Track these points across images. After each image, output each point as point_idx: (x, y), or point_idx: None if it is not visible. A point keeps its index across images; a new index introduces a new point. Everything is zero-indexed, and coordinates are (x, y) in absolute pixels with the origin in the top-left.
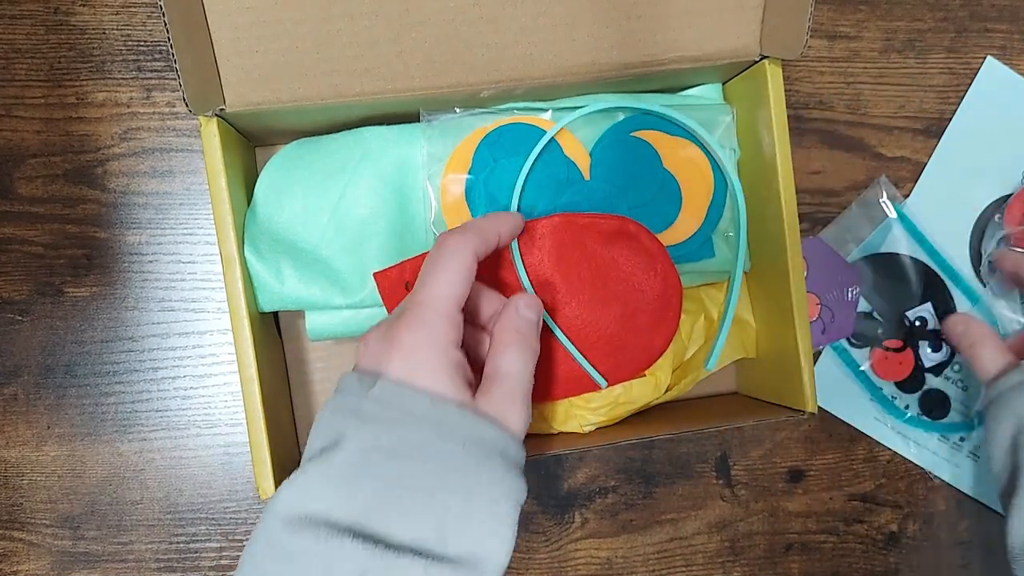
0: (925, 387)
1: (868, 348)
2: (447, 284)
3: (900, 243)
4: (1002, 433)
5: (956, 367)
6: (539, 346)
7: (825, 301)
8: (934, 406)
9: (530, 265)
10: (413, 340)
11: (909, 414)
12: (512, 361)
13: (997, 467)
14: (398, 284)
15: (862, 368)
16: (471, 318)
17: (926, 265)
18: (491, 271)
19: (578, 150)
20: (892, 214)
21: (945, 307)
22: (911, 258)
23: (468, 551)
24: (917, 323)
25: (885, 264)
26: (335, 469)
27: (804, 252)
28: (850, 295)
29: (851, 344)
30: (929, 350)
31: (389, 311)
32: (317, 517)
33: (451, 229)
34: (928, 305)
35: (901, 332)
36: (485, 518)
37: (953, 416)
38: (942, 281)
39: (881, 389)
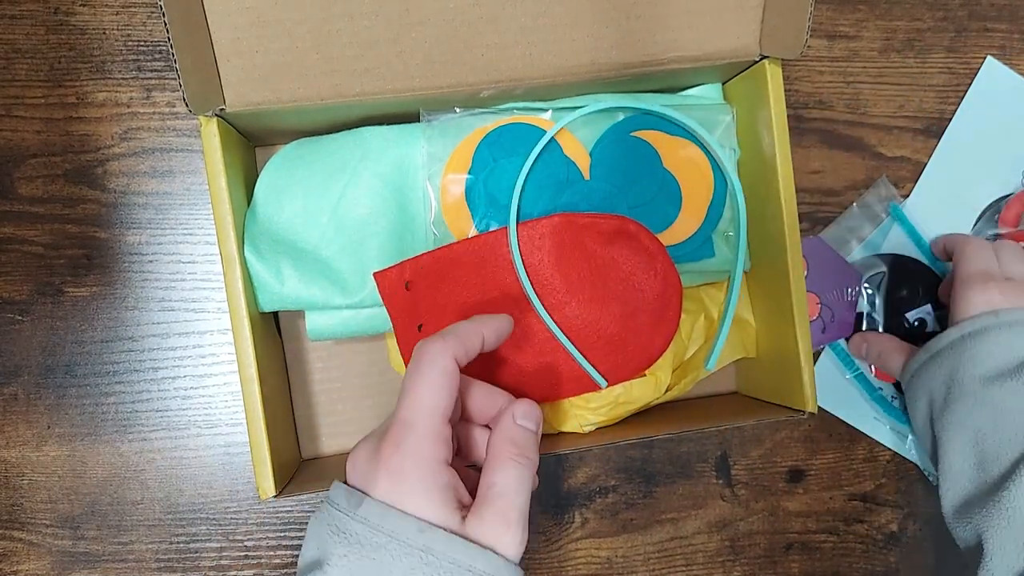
0: None
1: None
2: (429, 398)
3: (899, 243)
4: (919, 410)
5: None
6: (538, 457)
7: (825, 300)
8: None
9: (530, 265)
10: (399, 461)
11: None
12: (508, 478)
13: (922, 441)
14: (398, 284)
15: (860, 370)
16: (465, 415)
17: (926, 266)
18: (492, 275)
19: (578, 150)
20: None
21: (944, 308)
22: (912, 259)
23: None
24: (916, 324)
25: (887, 264)
26: None
27: (804, 251)
28: (850, 294)
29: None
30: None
31: (389, 311)
32: None
33: (431, 336)
34: (928, 307)
35: (900, 333)
36: None
37: None
38: (940, 282)
39: (880, 390)
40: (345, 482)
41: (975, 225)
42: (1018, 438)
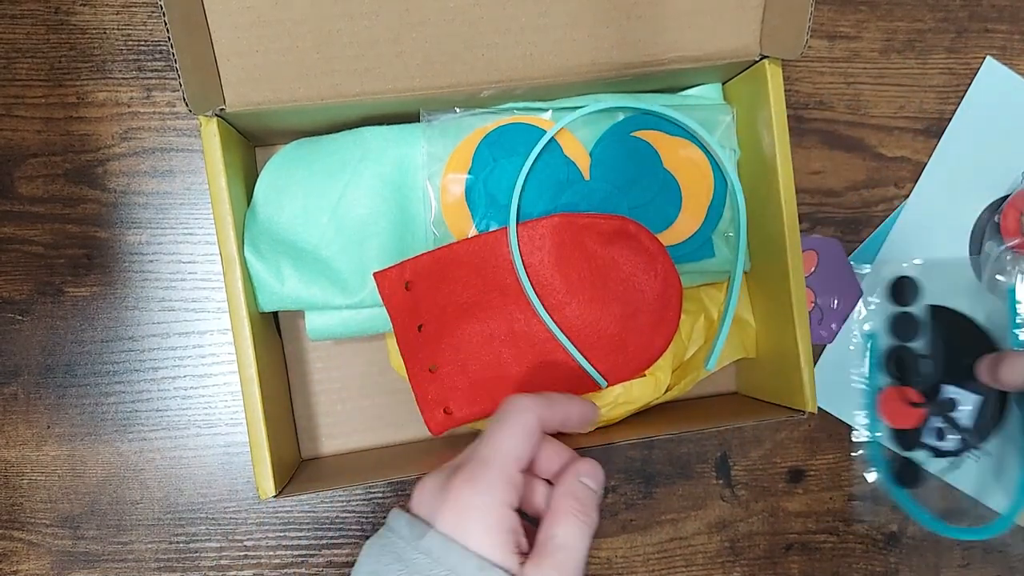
0: (909, 454)
1: (891, 380)
2: (510, 443)
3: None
4: None
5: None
6: (598, 518)
7: (820, 301)
8: (906, 476)
9: (530, 265)
10: (468, 497)
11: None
12: (569, 533)
13: None
14: (398, 284)
15: (878, 437)
16: (530, 468)
17: (976, 325)
18: (492, 275)
19: (578, 150)
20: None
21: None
22: (961, 315)
23: None
24: (948, 398)
25: (948, 318)
26: None
27: (820, 248)
28: (845, 306)
29: (884, 366)
30: (935, 435)
31: (389, 311)
32: None
33: (523, 394)
34: (971, 396)
35: (931, 392)
36: None
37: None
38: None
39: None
40: (407, 511)
41: (977, 226)
42: None
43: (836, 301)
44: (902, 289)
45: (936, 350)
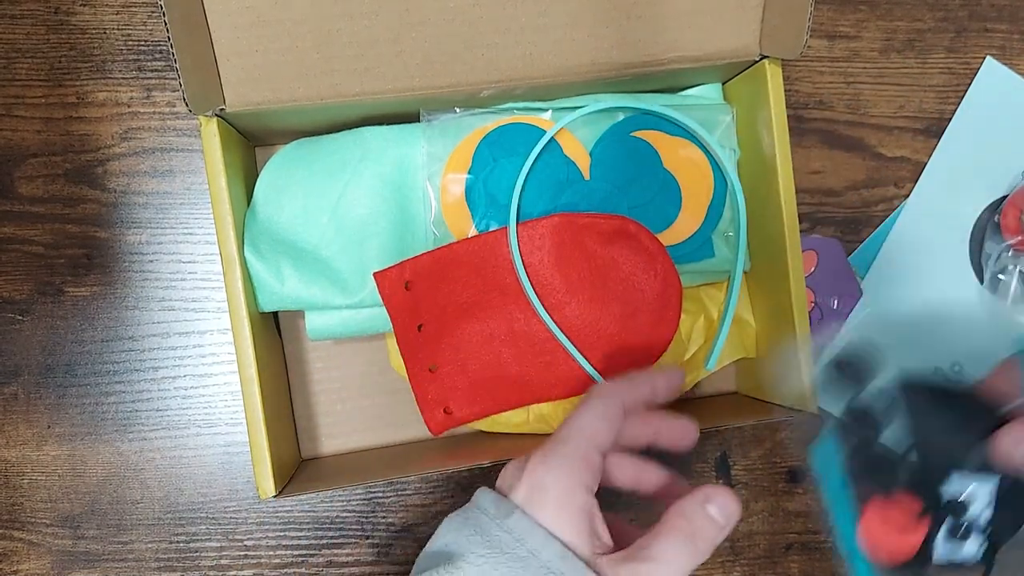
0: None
1: (864, 496)
2: (588, 423)
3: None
4: None
5: None
6: (708, 554)
7: (819, 301)
8: None
9: (530, 265)
10: (542, 474)
11: None
12: (668, 550)
13: None
14: (398, 284)
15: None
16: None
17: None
18: (492, 275)
19: (578, 150)
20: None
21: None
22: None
23: None
24: (953, 497)
25: (923, 385)
26: None
27: (820, 248)
28: (844, 306)
29: (853, 480)
30: (949, 551)
31: (389, 311)
32: None
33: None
34: (983, 481)
35: (926, 496)
36: None
37: None
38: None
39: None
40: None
41: (977, 225)
42: None
43: (836, 301)
44: (850, 369)
45: (919, 434)
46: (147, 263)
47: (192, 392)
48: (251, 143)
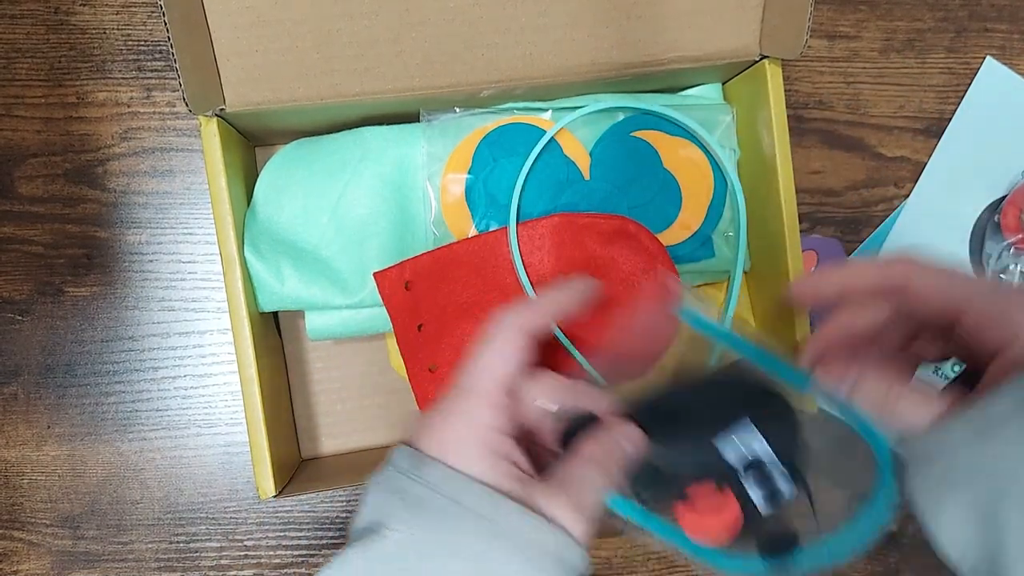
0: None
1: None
2: (488, 363)
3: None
4: (962, 505)
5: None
6: (617, 479)
7: None
8: (780, 546)
9: (530, 265)
10: (452, 423)
11: None
12: (590, 479)
13: (962, 548)
14: (398, 284)
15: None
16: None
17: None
18: (492, 275)
19: (578, 150)
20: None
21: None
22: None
23: None
24: (736, 457)
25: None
26: (374, 554)
27: (820, 248)
28: None
29: (651, 505)
30: (758, 489)
31: (389, 311)
32: None
33: (507, 308)
34: (746, 429)
35: (711, 470)
36: None
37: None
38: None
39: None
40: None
41: (978, 225)
42: None
43: None
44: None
45: (668, 427)
46: (147, 263)
47: (192, 392)
48: (251, 143)
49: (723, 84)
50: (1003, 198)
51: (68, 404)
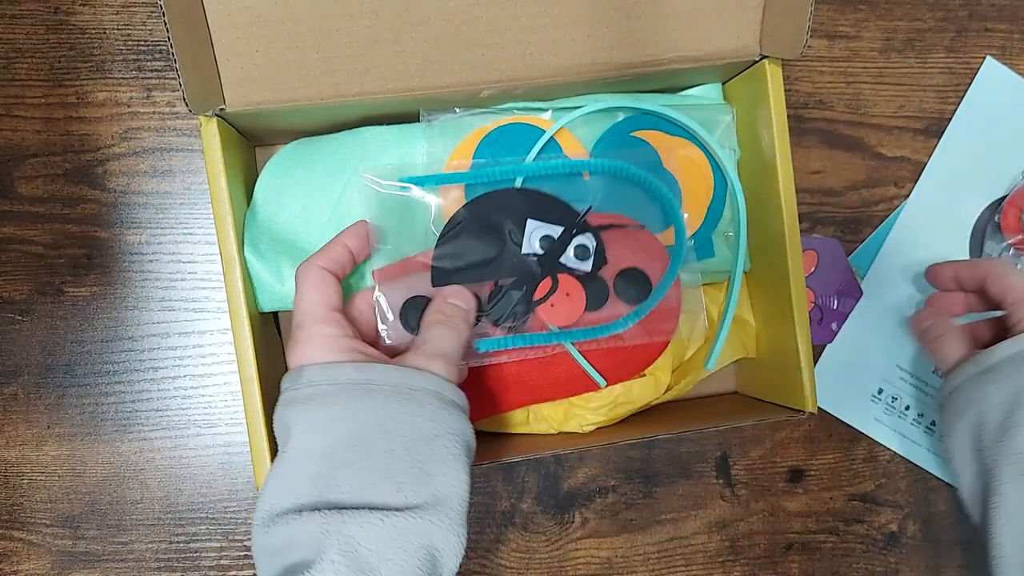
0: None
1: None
2: (308, 298)
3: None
4: (959, 431)
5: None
6: (467, 331)
7: (819, 302)
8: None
9: None
10: (303, 351)
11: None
12: (437, 334)
13: (961, 469)
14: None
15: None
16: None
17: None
18: None
19: (578, 150)
20: None
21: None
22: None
23: (428, 497)
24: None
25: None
26: (288, 462)
27: (819, 248)
28: (844, 306)
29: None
30: (573, 255)
31: None
32: (284, 508)
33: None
34: (530, 221)
35: (527, 266)
36: (435, 462)
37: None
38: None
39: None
40: None
41: (978, 226)
42: None
43: (836, 301)
44: None
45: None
46: (147, 263)
47: (192, 392)
48: (251, 143)
49: (723, 84)
50: (1003, 198)
51: (68, 404)
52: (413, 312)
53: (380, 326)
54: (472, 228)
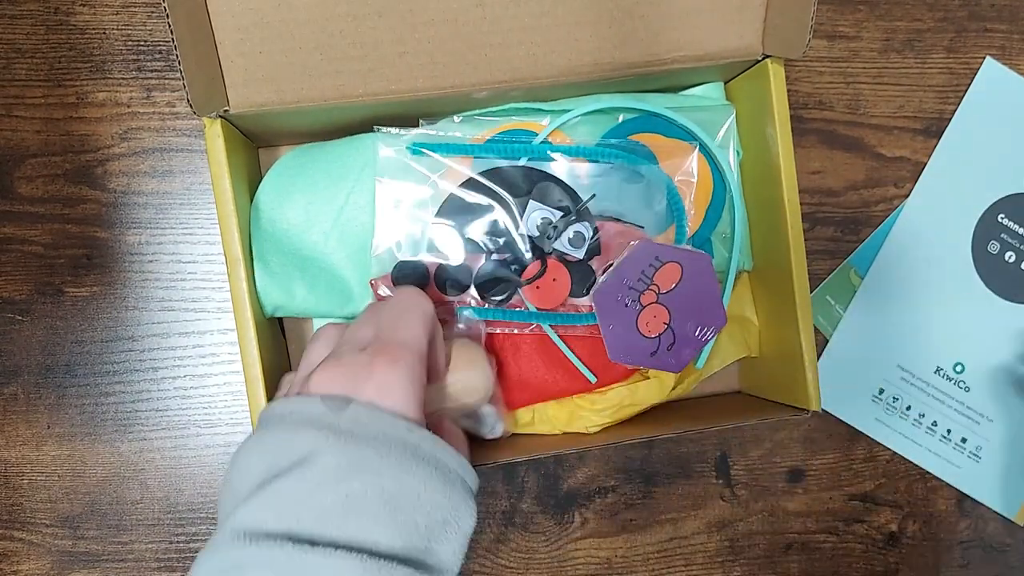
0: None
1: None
2: (420, 329)
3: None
4: None
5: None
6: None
7: (674, 325)
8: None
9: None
10: (396, 376)
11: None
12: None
13: None
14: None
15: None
16: None
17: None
18: None
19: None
20: None
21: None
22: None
23: (438, 561)
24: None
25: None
26: (308, 483)
27: (687, 262)
28: (701, 335)
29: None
30: (573, 248)
31: None
32: (299, 535)
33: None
34: (530, 203)
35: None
36: (450, 537)
37: None
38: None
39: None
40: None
41: (978, 226)
42: None
43: (694, 327)
44: None
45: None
46: (147, 263)
47: (192, 392)
48: (254, 144)
49: (725, 83)
50: (1005, 197)
51: (68, 404)
52: None
53: None
54: (474, 200)
